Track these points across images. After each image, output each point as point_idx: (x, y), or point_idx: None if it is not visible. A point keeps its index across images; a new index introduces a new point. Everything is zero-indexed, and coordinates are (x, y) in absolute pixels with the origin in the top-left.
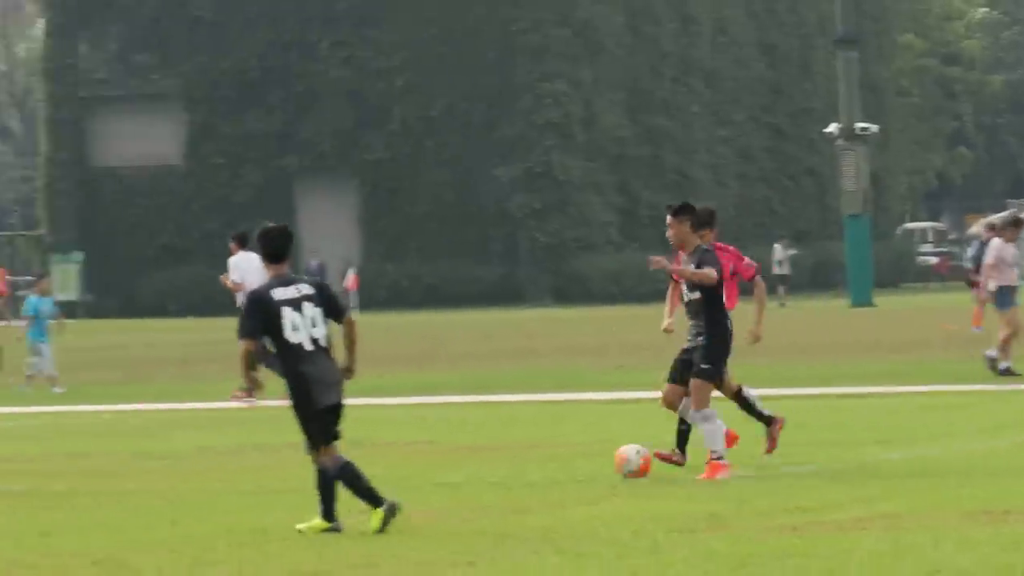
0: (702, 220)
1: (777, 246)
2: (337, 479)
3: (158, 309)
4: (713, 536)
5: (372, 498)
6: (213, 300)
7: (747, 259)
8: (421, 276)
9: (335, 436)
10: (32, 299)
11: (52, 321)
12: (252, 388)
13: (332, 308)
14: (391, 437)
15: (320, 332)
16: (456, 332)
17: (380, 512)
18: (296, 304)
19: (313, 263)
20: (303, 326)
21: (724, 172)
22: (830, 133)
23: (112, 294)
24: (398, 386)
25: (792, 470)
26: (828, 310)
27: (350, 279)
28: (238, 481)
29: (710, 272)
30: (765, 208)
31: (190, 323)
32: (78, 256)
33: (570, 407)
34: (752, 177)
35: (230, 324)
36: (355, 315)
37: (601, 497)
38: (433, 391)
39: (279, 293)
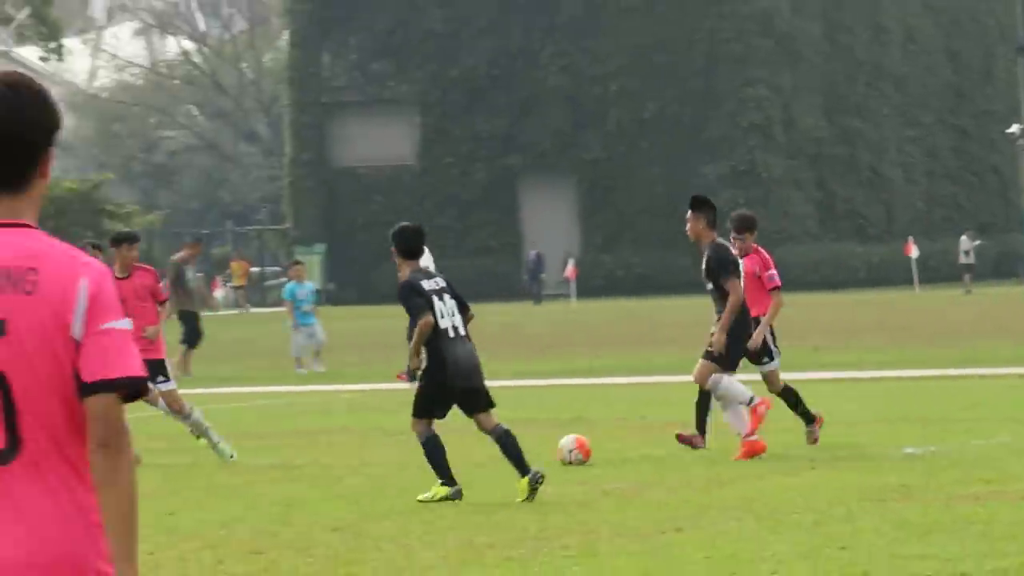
0: (745, 225)
1: (963, 237)
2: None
3: (393, 297)
4: (902, 505)
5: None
6: None
7: (774, 271)
8: (634, 266)
9: (485, 408)
10: (289, 285)
11: (312, 305)
12: (417, 368)
13: (461, 303)
14: (607, 414)
15: (459, 320)
16: (666, 317)
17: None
18: (440, 295)
19: (532, 253)
20: (447, 314)
21: (913, 169)
22: (1012, 133)
23: (351, 283)
24: (613, 367)
25: (976, 444)
26: (1010, 296)
27: (569, 269)
28: (469, 453)
29: (735, 291)
30: (952, 203)
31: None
32: (320, 248)
33: None
34: (939, 174)
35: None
36: (573, 302)
37: (798, 469)
38: (645, 372)
39: (427, 285)
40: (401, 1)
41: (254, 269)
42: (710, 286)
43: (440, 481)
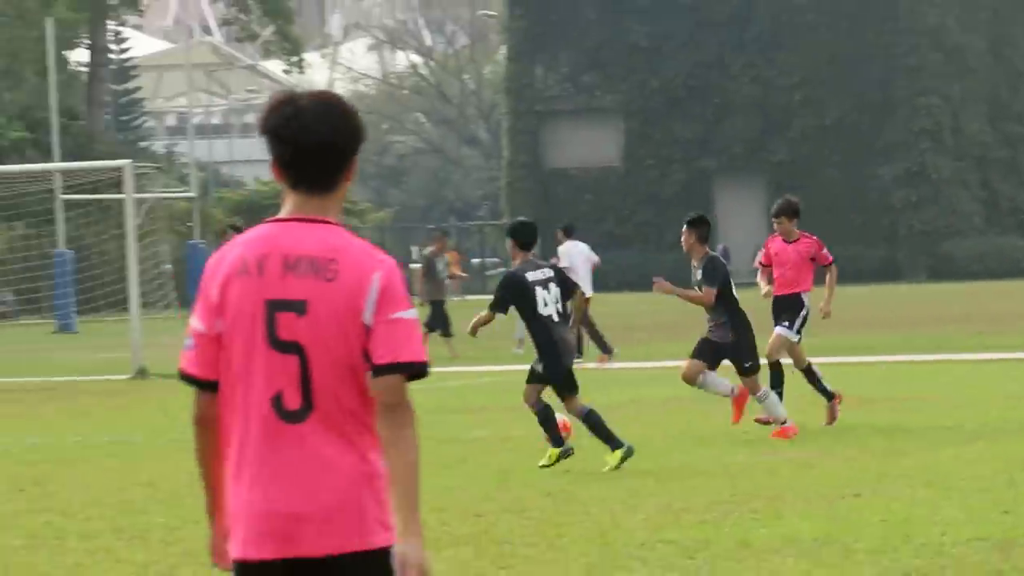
0: (783, 210)
1: None
2: (585, 423)
3: (603, 285)
4: None
5: (611, 440)
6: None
7: (826, 250)
8: None
9: (577, 388)
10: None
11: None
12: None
13: (566, 287)
14: (792, 390)
15: (562, 306)
16: (847, 303)
17: (618, 453)
18: (544, 284)
19: (720, 247)
20: (551, 301)
21: None
22: None
23: None
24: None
25: None
26: None
27: (758, 260)
28: (668, 424)
29: (708, 295)
30: None
31: (626, 296)
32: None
33: (941, 366)
34: None
35: (645, 298)
36: (763, 290)
37: (967, 440)
38: (825, 353)
39: (531, 276)
40: (607, 19)
41: (475, 260)
42: None
43: (554, 448)
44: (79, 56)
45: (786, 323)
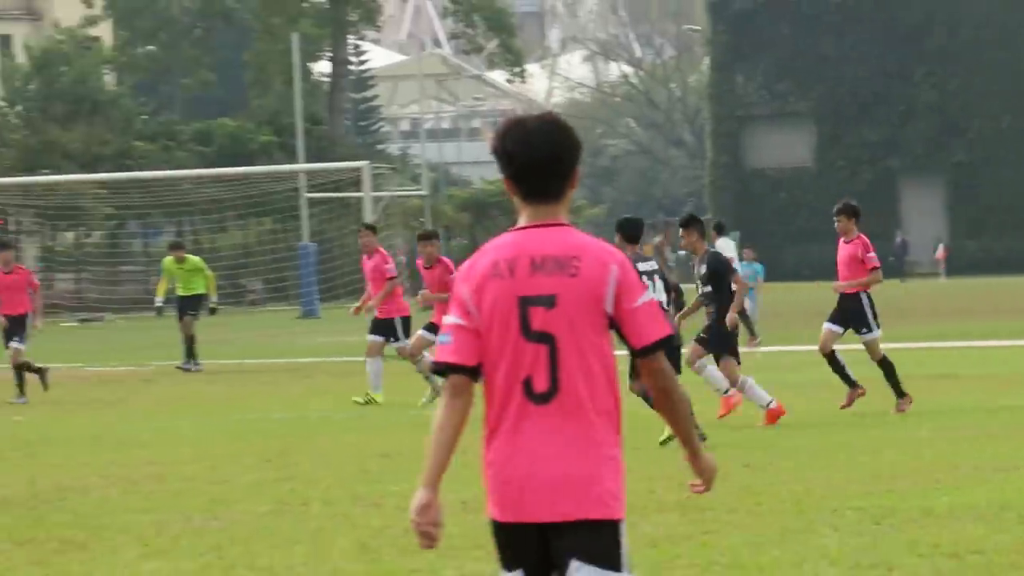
0: (850, 211)
1: None
2: (647, 400)
3: (796, 274)
4: None
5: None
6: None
7: (872, 254)
8: (995, 250)
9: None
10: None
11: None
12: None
13: (667, 285)
14: (972, 371)
15: (661, 297)
16: (1015, 292)
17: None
18: (650, 276)
19: (898, 240)
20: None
21: None
22: None
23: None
24: (973, 332)
25: None
26: None
27: (940, 252)
28: (857, 404)
29: (739, 283)
30: None
31: (818, 285)
32: (735, 235)
33: None
34: None
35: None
36: (942, 280)
37: None
38: (991, 337)
39: (638, 267)
40: (800, 32)
41: (681, 252)
42: (708, 288)
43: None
44: (322, 67)
45: (865, 330)
